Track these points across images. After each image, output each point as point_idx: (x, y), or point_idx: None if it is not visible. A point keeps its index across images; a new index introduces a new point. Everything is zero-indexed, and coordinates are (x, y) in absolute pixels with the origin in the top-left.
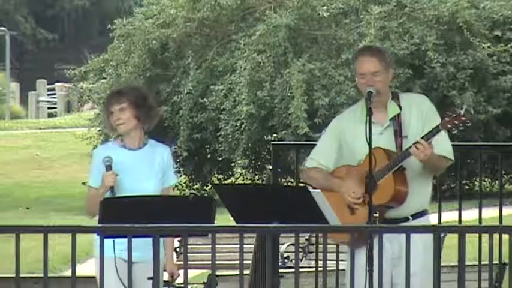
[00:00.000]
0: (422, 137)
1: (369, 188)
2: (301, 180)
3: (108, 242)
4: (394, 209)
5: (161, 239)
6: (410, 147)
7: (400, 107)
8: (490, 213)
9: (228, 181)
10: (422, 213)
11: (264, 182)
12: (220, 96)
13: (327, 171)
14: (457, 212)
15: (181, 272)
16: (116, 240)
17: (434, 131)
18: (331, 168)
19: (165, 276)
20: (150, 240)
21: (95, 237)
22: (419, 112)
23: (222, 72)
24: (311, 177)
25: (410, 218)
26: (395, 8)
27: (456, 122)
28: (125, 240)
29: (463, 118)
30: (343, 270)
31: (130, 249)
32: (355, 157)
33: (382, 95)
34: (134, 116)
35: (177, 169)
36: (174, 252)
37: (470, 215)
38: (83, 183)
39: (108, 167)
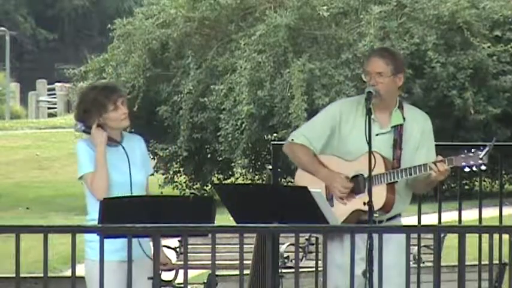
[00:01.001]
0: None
1: (368, 190)
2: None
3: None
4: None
5: None
6: (425, 164)
7: (404, 119)
8: (490, 213)
9: (228, 181)
10: (395, 216)
11: (264, 182)
12: (221, 95)
13: (313, 153)
14: (457, 212)
15: (181, 272)
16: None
17: (447, 163)
18: (318, 152)
19: (165, 277)
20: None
21: (86, 239)
22: (418, 131)
23: (222, 72)
24: (295, 154)
25: (385, 220)
26: (395, 8)
27: (472, 162)
28: (113, 241)
29: (481, 161)
30: None
31: (130, 250)
32: (346, 150)
33: (384, 97)
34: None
35: (177, 169)
36: (174, 252)
37: (470, 215)
38: (80, 178)
39: (87, 128)
